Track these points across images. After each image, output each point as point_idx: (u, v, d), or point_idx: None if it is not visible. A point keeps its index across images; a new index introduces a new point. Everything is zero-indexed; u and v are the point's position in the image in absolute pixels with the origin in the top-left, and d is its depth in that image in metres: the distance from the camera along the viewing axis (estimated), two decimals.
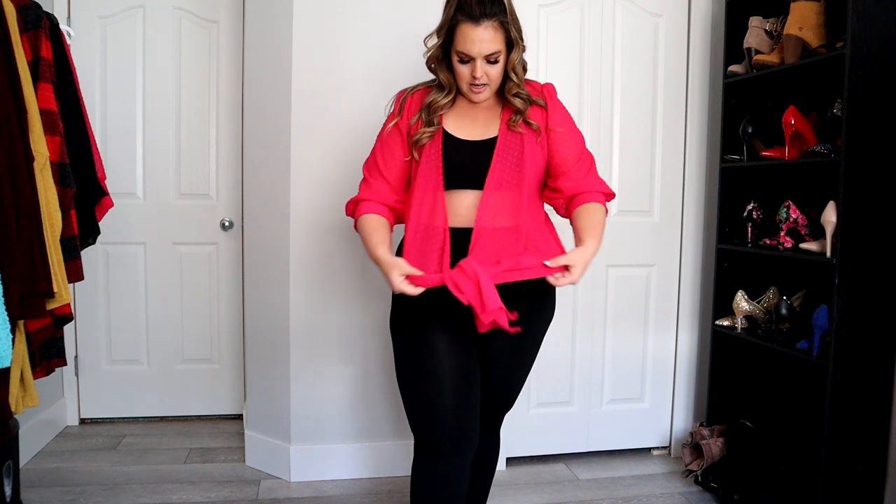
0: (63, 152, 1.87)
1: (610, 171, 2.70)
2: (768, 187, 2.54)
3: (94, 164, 2.15)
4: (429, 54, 1.62)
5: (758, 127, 2.44)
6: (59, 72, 1.93)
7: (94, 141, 2.19)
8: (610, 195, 1.70)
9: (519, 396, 1.82)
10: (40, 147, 1.74)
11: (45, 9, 1.91)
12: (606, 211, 1.67)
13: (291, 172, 2.44)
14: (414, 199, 1.62)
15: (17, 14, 1.71)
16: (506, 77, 1.60)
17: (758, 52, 2.39)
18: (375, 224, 1.64)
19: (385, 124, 1.69)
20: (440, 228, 1.58)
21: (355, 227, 1.69)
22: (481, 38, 1.50)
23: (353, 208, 1.71)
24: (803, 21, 2.19)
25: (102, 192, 2.20)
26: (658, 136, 2.75)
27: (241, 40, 2.93)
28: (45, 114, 1.80)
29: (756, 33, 2.39)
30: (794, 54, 2.23)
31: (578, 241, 1.58)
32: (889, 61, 2.01)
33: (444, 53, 1.59)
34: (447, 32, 1.55)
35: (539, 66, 2.59)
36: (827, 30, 2.20)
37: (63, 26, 2.05)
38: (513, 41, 1.55)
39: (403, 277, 1.47)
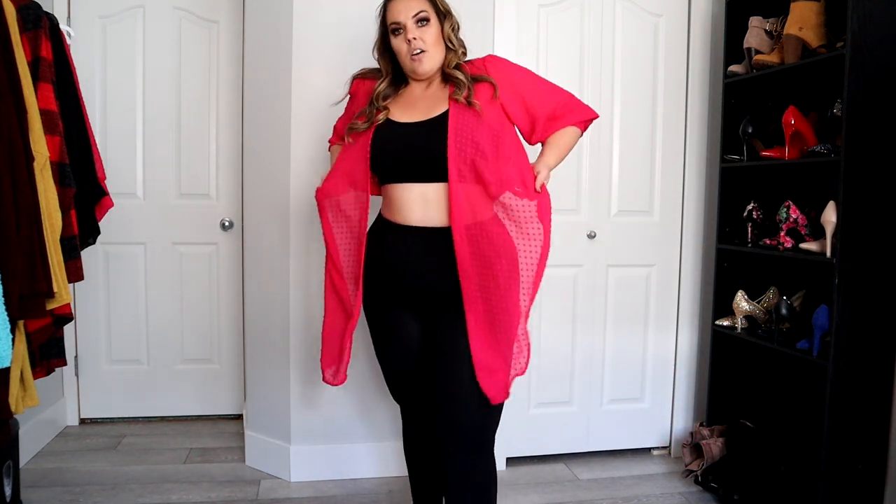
0: (63, 152, 1.87)
1: (610, 170, 2.70)
2: (768, 187, 2.54)
3: (94, 164, 2.14)
4: (374, 47, 1.72)
5: (758, 127, 2.44)
6: (59, 72, 1.92)
7: (94, 141, 2.18)
8: (588, 121, 1.73)
9: (518, 397, 1.81)
10: (40, 147, 1.73)
11: (45, 9, 1.91)
12: (582, 133, 1.74)
13: (291, 172, 2.44)
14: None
15: (17, 14, 1.71)
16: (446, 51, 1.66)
17: (758, 52, 2.39)
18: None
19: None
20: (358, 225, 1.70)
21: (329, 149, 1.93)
22: (406, 3, 1.60)
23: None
24: (803, 21, 2.19)
25: (102, 192, 2.19)
26: (658, 136, 2.75)
27: (241, 40, 2.93)
28: (45, 114, 1.79)
29: (756, 33, 2.39)
30: (794, 54, 2.23)
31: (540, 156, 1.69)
32: (889, 61, 2.01)
33: (384, 41, 1.68)
34: (381, 19, 1.67)
35: (539, 67, 2.59)
36: (827, 30, 2.20)
37: (63, 26, 2.04)
38: (441, 12, 1.64)
39: None
